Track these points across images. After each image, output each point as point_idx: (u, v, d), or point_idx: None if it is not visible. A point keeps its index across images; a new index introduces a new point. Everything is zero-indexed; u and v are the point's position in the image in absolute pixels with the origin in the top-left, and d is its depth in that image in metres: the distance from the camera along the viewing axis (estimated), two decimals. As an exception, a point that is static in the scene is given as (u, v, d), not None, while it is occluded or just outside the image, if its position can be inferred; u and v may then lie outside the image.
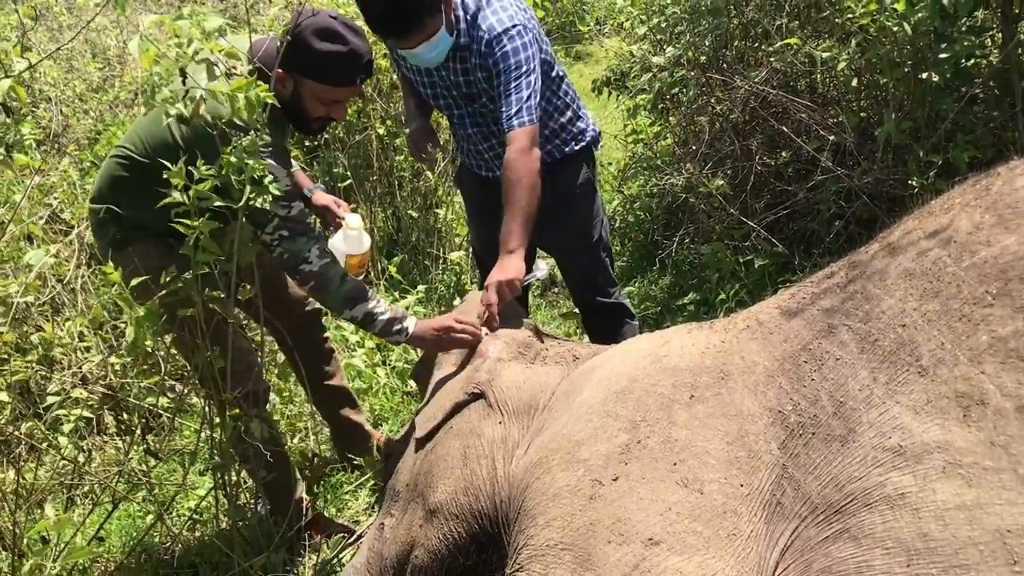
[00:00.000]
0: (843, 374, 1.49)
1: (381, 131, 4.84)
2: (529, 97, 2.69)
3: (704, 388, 1.67)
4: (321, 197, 3.03)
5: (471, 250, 3.67)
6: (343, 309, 2.50)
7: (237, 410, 2.46)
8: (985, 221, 1.49)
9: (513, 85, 2.71)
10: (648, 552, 1.47)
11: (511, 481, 1.90)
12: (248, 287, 2.48)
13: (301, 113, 2.52)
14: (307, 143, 5.06)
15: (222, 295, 2.35)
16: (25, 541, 2.48)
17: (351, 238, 2.82)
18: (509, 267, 2.58)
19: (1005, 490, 1.24)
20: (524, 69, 2.70)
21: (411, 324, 2.52)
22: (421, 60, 2.77)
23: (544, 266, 2.96)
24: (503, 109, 2.70)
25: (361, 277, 2.85)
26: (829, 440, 1.45)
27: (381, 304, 2.53)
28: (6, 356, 2.84)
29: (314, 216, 3.06)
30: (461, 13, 2.72)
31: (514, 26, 2.68)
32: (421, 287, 4.37)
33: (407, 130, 3.15)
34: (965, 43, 2.93)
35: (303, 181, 3.06)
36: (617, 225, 5.14)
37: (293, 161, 3.16)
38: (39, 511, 2.58)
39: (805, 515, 1.43)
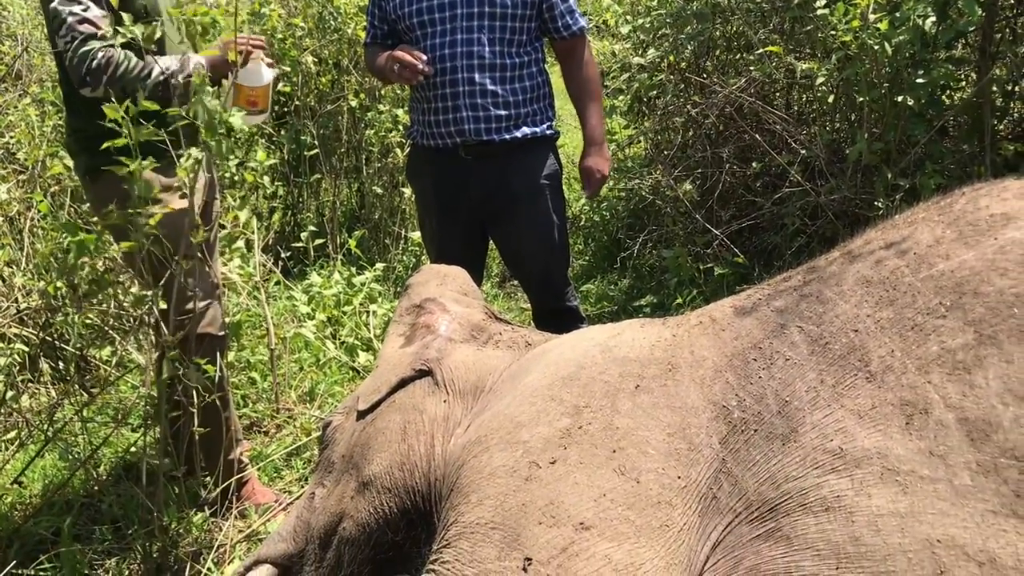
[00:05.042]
0: (791, 374, 1.47)
1: (354, 103, 4.76)
2: None
3: (651, 379, 1.65)
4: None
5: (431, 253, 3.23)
6: (147, 86, 2.44)
7: (176, 353, 2.39)
8: (946, 236, 1.49)
9: None
10: (578, 536, 1.44)
11: (447, 459, 1.86)
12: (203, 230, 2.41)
13: None
14: (275, 110, 4.96)
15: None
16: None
17: (249, 71, 2.58)
18: (605, 156, 3.06)
19: (939, 500, 1.23)
20: None
21: (196, 60, 2.53)
22: None
23: None
24: (566, 9, 2.88)
25: (258, 115, 2.66)
26: (771, 438, 1.43)
27: (163, 60, 2.49)
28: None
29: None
30: None
31: None
32: (380, 265, 4.32)
33: (383, 57, 2.89)
34: (942, 70, 2.95)
35: None
36: (582, 223, 5.13)
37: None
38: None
39: (740, 511, 1.41)
